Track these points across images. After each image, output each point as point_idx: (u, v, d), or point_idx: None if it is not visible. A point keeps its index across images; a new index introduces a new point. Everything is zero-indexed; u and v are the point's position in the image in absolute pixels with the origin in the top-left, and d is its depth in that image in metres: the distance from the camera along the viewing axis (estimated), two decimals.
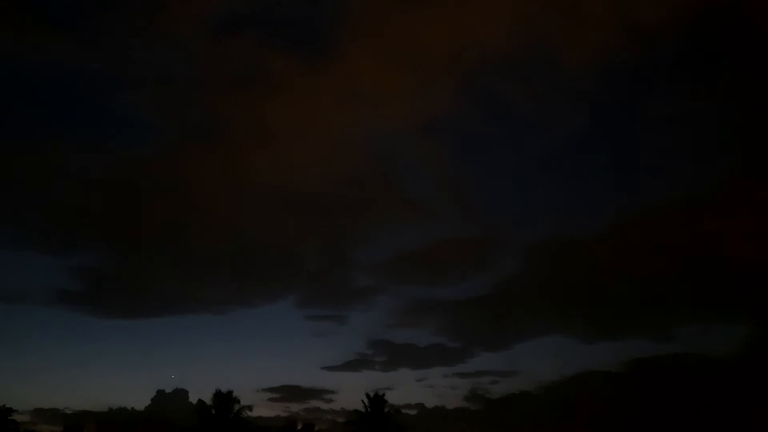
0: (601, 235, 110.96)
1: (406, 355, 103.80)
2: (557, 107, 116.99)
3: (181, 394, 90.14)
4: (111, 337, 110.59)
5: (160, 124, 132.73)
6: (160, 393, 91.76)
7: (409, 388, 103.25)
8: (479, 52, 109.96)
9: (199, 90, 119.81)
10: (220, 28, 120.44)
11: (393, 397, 57.93)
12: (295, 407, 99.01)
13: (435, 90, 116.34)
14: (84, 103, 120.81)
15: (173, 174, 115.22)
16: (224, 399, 53.75)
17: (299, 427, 62.67)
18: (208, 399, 54.64)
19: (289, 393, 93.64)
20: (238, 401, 53.93)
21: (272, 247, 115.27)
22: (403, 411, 62.39)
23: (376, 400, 57.07)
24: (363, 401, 57.04)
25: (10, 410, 57.47)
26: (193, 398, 79.92)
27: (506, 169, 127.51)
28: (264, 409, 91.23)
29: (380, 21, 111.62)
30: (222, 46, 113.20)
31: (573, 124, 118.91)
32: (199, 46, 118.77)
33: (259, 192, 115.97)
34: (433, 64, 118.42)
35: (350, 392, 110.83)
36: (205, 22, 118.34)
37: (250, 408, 54.64)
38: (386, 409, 56.54)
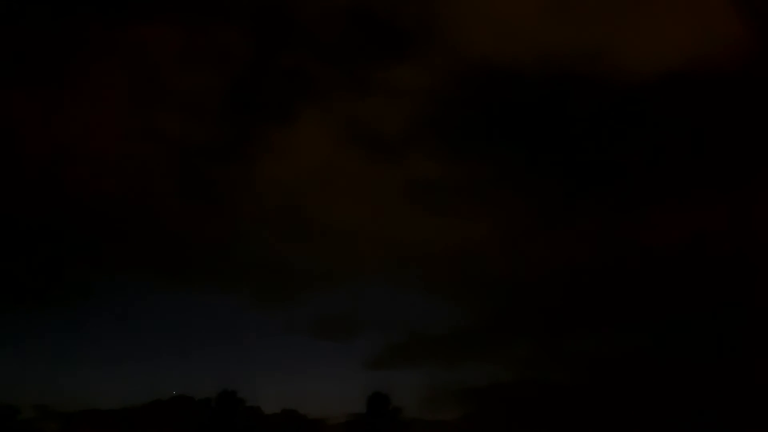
0: None
1: (406, 354, 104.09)
2: None
3: (181, 394, 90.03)
4: (110, 336, 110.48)
5: None
6: (161, 393, 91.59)
7: (408, 388, 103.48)
8: None
9: None
10: None
11: (394, 397, 57.93)
12: (296, 407, 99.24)
13: None
14: None
15: None
16: (228, 398, 54.11)
17: (299, 427, 62.91)
18: (210, 399, 55.19)
19: (289, 393, 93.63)
20: (242, 401, 54.38)
21: (270, 247, 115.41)
22: (405, 411, 62.59)
23: (378, 400, 57.41)
24: (365, 400, 57.32)
25: (17, 411, 57.73)
26: (195, 398, 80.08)
27: None
28: (264, 409, 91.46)
29: None
30: None
31: None
32: None
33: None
34: None
35: (349, 392, 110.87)
36: None
37: (252, 408, 55.12)
38: (389, 408, 56.88)
